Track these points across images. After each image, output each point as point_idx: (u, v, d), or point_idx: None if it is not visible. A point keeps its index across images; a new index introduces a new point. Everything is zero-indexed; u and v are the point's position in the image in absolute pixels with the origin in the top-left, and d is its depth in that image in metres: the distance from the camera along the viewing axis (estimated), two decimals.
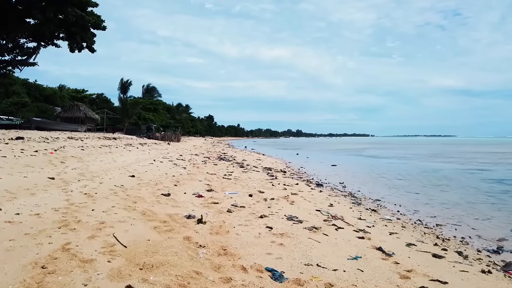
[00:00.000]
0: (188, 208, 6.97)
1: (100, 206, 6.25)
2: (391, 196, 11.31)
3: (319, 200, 9.72)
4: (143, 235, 4.88)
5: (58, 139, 18.47)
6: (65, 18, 25.10)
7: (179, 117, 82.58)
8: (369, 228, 6.77)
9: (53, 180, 8.17)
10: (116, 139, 26.46)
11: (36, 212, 5.39)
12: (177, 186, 9.61)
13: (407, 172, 19.07)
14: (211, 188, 9.87)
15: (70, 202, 6.31)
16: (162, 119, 65.46)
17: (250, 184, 11.47)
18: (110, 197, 7.13)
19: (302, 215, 7.34)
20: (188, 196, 8.39)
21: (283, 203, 8.52)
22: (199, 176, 12.45)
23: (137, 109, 54.24)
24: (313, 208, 8.36)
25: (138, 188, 8.57)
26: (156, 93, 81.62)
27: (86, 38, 29.03)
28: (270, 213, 7.23)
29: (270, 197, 9.14)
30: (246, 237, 5.33)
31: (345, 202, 10.00)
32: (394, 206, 9.72)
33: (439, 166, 22.96)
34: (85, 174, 9.71)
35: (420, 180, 15.43)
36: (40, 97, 47.93)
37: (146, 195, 7.80)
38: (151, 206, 6.81)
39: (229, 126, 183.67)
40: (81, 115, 37.08)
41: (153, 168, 13.09)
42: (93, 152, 15.97)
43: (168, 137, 44.34)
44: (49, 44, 28.59)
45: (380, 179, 16.11)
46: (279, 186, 11.85)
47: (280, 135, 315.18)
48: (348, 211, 8.54)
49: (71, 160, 12.30)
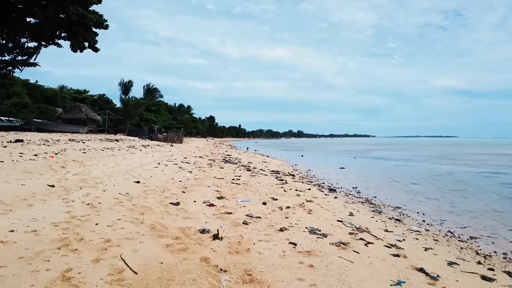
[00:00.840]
0: (201, 220, 6.36)
1: (105, 219, 5.64)
2: (411, 203, 10.68)
3: (337, 208, 9.10)
4: (155, 256, 4.27)
5: (59, 141, 17.86)
6: (66, 16, 24.53)
7: (181, 118, 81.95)
8: (400, 243, 6.15)
9: (53, 188, 7.56)
10: (118, 141, 25.86)
11: (33, 229, 4.78)
12: (185, 193, 9.00)
13: (420, 175, 18.42)
14: (221, 195, 9.26)
15: (71, 214, 5.70)
16: (164, 120, 64.87)
17: (261, 190, 10.87)
18: (115, 208, 6.51)
19: (324, 226, 6.73)
20: (199, 205, 7.79)
21: (300, 213, 7.91)
22: (206, 181, 11.84)
23: (139, 110, 53.63)
24: (334, 218, 7.75)
25: (145, 196, 7.96)
26: (158, 94, 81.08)
27: (88, 37, 28.46)
28: (289, 224, 6.62)
29: (286, 205, 8.53)
30: (270, 256, 4.71)
31: (365, 210, 9.38)
32: (417, 215, 9.08)
33: (450, 169, 22.31)
34: (87, 180, 9.10)
35: (435, 185, 14.79)
36: (41, 98, 47.36)
37: (153, 205, 7.19)
38: (160, 218, 6.20)
39: (230, 126, 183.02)
40: (83, 116, 36.45)
41: (158, 173, 12.48)
42: (95, 155, 15.37)
43: (171, 139, 43.72)
44: (50, 43, 28.03)
45: (393, 183, 15.46)
46: (291, 191, 11.24)
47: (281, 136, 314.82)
48: (370, 221, 7.92)
49: (72, 165, 11.70)
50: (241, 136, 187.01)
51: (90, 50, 30.07)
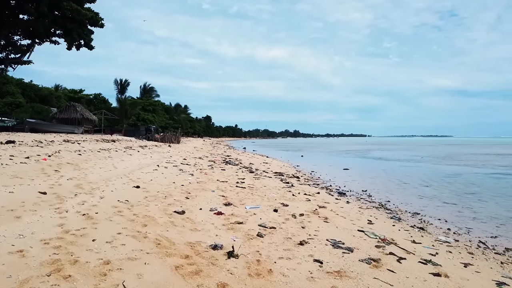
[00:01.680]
0: (210, 232, 5.69)
1: (103, 233, 4.95)
2: (429, 208, 10.05)
3: (353, 215, 8.46)
4: (164, 282, 3.59)
5: (53, 142, 17.08)
6: (61, 13, 23.73)
7: (178, 118, 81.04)
8: (434, 257, 5.51)
9: (44, 196, 6.84)
10: (115, 142, 25.08)
11: (19, 248, 4.08)
12: (189, 200, 8.32)
13: (428, 177, 17.84)
14: (228, 201, 8.58)
15: (64, 228, 5.00)
16: (161, 120, 64.01)
17: (269, 195, 10.20)
18: (114, 219, 5.82)
19: (346, 238, 6.08)
20: (205, 213, 7.11)
21: (316, 221, 7.26)
22: (210, 184, 11.16)
23: (136, 110, 52.77)
24: (353, 227, 7.10)
25: (146, 204, 7.27)
26: (155, 93, 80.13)
27: (83, 35, 27.68)
28: (308, 236, 5.97)
29: (299, 213, 7.88)
30: (296, 279, 4.05)
31: (382, 217, 8.74)
32: (439, 222, 8.46)
33: (457, 170, 21.76)
34: (83, 186, 8.39)
35: (447, 187, 14.19)
36: (35, 97, 46.35)
37: (156, 214, 6.50)
38: (165, 230, 5.52)
39: (227, 126, 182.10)
40: (78, 116, 35.53)
41: (158, 176, 11.78)
42: (91, 157, 14.62)
43: (168, 139, 42.93)
44: (44, 41, 27.21)
45: (404, 185, 14.85)
46: (300, 196, 10.59)
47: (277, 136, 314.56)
48: (393, 230, 7.28)
49: (67, 168, 10.96)
50: (238, 136, 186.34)
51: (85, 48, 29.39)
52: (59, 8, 22.76)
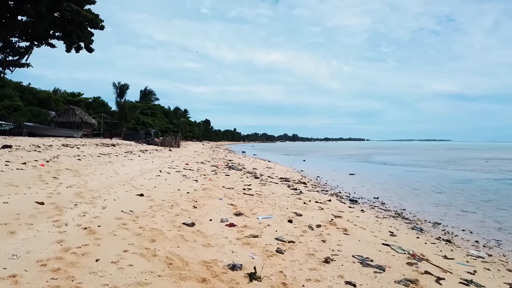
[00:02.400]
0: (225, 248, 5.15)
1: (107, 251, 4.40)
2: (448, 218, 9.53)
3: (372, 225, 7.93)
4: None
5: (51, 147, 16.51)
6: (60, 14, 23.24)
7: (177, 122, 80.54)
8: (473, 276, 4.99)
9: (42, 207, 6.28)
10: (115, 146, 24.51)
11: (12, 272, 3.53)
12: (197, 209, 7.78)
13: (438, 183, 17.33)
14: (238, 210, 8.05)
15: (64, 246, 4.45)
16: (160, 123, 63.46)
17: (279, 203, 9.68)
18: (118, 233, 5.27)
19: (372, 254, 5.55)
20: (216, 224, 6.57)
21: (335, 233, 6.73)
22: (216, 192, 10.62)
23: (135, 113, 52.23)
24: (375, 239, 6.58)
25: (152, 215, 6.72)
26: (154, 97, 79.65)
27: (83, 37, 27.17)
28: (331, 252, 5.44)
29: (315, 223, 7.36)
30: None
31: (402, 227, 8.21)
32: (464, 234, 7.94)
33: (466, 175, 21.27)
34: (83, 194, 7.83)
35: (461, 194, 13.69)
36: (33, 100, 45.78)
37: (164, 226, 5.95)
38: (176, 246, 4.98)
39: (226, 130, 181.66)
40: (77, 119, 34.94)
41: (162, 182, 11.23)
42: (91, 162, 14.05)
43: (168, 143, 42.37)
44: (43, 43, 26.70)
45: (415, 192, 14.34)
46: (312, 204, 10.07)
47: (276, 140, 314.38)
48: (419, 243, 6.75)
49: (66, 174, 10.39)
50: (236, 140, 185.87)
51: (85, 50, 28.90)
52: (59, 9, 22.28)
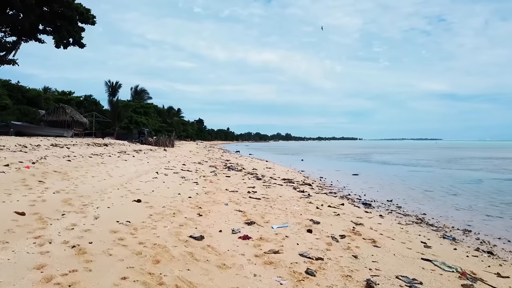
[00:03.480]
0: (245, 270, 4.24)
1: (101, 280, 3.47)
2: (476, 223, 8.74)
3: (399, 234, 7.09)
4: None
5: (39, 147, 15.41)
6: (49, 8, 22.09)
7: (171, 121, 79.23)
8: None
9: (22, 218, 5.31)
10: (107, 146, 23.40)
11: None
12: (202, 217, 6.86)
13: (449, 184, 16.62)
14: (248, 217, 7.16)
15: (45, 273, 3.50)
16: (154, 123, 62.20)
17: (290, 207, 8.80)
18: (114, 251, 4.34)
19: (415, 272, 4.72)
20: (228, 236, 5.67)
21: (364, 245, 5.87)
22: (220, 196, 9.70)
23: (128, 112, 50.93)
24: (410, 252, 5.74)
25: (153, 225, 5.78)
26: (146, 96, 78.24)
27: (74, 32, 26.06)
28: (370, 272, 4.58)
29: (338, 233, 6.50)
30: None
31: (431, 235, 7.38)
32: (502, 243, 7.15)
33: (474, 175, 20.62)
34: (73, 202, 6.86)
35: (478, 196, 12.96)
36: (22, 99, 44.24)
37: (168, 241, 5.03)
38: (185, 268, 4.06)
39: (219, 129, 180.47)
40: (68, 118, 33.61)
41: (160, 185, 10.28)
42: (82, 163, 13.02)
43: (163, 143, 41.25)
44: (31, 39, 25.50)
45: (428, 194, 13.56)
46: (325, 208, 9.22)
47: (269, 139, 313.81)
48: (460, 256, 5.92)
49: (54, 177, 9.38)
50: (230, 139, 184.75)
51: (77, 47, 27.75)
52: (48, 1, 21.12)
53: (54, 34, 25.28)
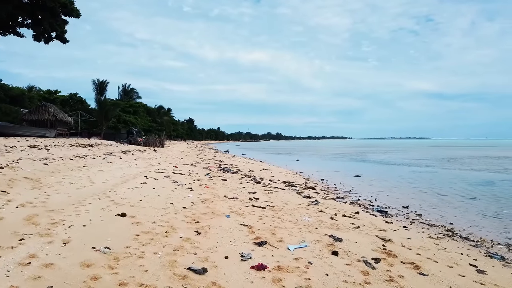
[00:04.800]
0: None
1: None
2: None
3: (438, 253, 5.90)
4: None
5: (14, 148, 13.88)
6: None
7: (161, 120, 77.37)
8: None
9: None
10: (93, 147, 21.85)
11: None
12: (201, 236, 5.57)
13: (460, 186, 15.61)
14: (256, 234, 5.92)
15: None
16: (143, 122, 60.38)
17: (301, 218, 7.60)
18: None
19: None
20: (236, 264, 4.41)
21: (407, 273, 4.67)
22: (219, 204, 8.42)
23: (116, 111, 49.07)
24: (468, 282, 4.55)
25: (139, 252, 4.48)
26: (136, 95, 76.30)
27: (56, 26, 24.39)
28: None
29: (369, 255, 5.34)
30: None
31: (473, 253, 6.24)
32: None
33: (481, 176, 19.69)
34: (39, 219, 5.50)
35: (498, 201, 11.93)
36: (5, 97, 42.12)
37: (160, 277, 3.74)
38: None
39: (210, 129, 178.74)
40: (51, 117, 31.76)
41: (149, 193, 8.94)
42: (60, 167, 11.58)
43: (152, 143, 39.67)
44: (9, 32, 23.77)
45: (444, 198, 12.48)
46: (341, 219, 8.05)
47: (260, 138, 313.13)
48: None
49: (22, 186, 7.96)
50: (220, 139, 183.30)
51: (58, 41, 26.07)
52: None
53: (35, 27, 23.61)
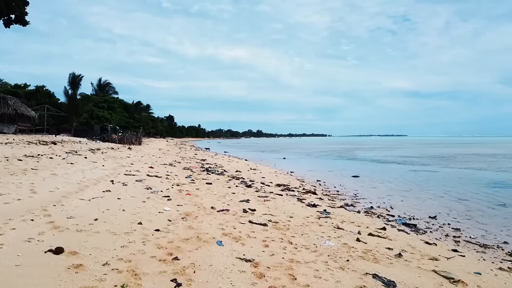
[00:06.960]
0: None
1: None
2: None
3: None
4: None
5: None
6: None
7: (139, 116, 73.77)
8: None
9: None
10: (55, 144, 19.10)
11: None
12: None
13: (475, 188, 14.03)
14: (265, 279, 3.78)
15: None
16: (119, 118, 56.98)
17: (318, 242, 5.57)
18: None
19: None
20: None
21: None
22: (206, 222, 6.22)
23: (88, 106, 45.67)
24: None
25: None
26: (112, 90, 72.35)
27: (13, 6, 21.41)
28: None
29: None
30: None
31: None
32: None
33: (489, 176, 18.24)
34: None
35: None
36: None
37: None
38: None
39: (190, 126, 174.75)
40: (10, 111, 28.38)
41: (111, 206, 6.64)
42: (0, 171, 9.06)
43: (128, 140, 36.82)
44: None
45: (467, 204, 10.73)
46: (370, 240, 6.01)
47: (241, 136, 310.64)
48: None
49: None
50: (201, 136, 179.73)
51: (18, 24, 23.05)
52: None
53: None
